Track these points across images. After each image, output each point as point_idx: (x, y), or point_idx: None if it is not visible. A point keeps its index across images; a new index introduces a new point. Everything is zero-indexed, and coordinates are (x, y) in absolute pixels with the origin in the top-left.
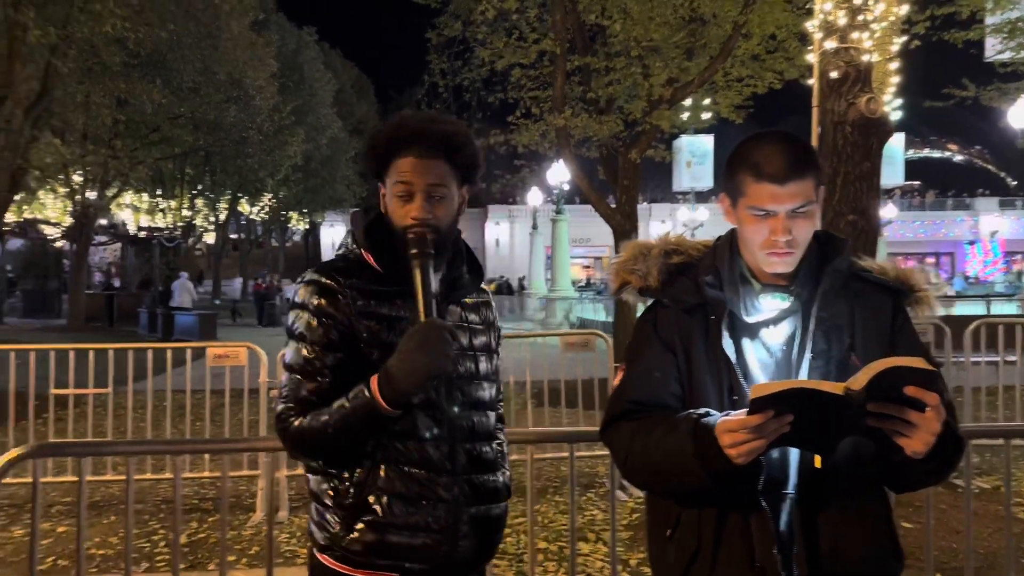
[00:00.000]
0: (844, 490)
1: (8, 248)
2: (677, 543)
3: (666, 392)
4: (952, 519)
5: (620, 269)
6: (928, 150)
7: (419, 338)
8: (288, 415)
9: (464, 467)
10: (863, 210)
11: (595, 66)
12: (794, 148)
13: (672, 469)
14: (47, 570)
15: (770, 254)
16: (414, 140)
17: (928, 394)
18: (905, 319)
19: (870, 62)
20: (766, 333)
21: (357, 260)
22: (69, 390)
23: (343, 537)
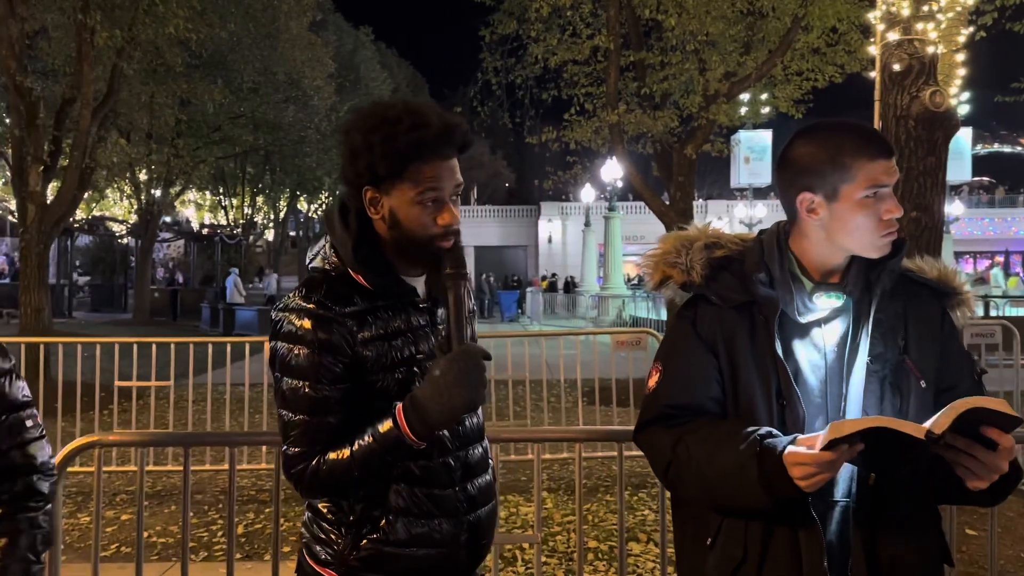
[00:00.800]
0: (902, 501)
1: (77, 244)
2: (720, 552)
3: (705, 396)
4: (1020, 527)
5: (660, 262)
6: (998, 145)
7: (456, 371)
8: (300, 460)
9: (462, 476)
10: (927, 206)
11: (650, 61)
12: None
13: (730, 488)
14: (110, 556)
15: (887, 234)
16: (441, 142)
17: (1004, 437)
18: (951, 325)
19: (935, 54)
20: (818, 333)
21: (341, 277)
22: (132, 382)
23: (348, 554)
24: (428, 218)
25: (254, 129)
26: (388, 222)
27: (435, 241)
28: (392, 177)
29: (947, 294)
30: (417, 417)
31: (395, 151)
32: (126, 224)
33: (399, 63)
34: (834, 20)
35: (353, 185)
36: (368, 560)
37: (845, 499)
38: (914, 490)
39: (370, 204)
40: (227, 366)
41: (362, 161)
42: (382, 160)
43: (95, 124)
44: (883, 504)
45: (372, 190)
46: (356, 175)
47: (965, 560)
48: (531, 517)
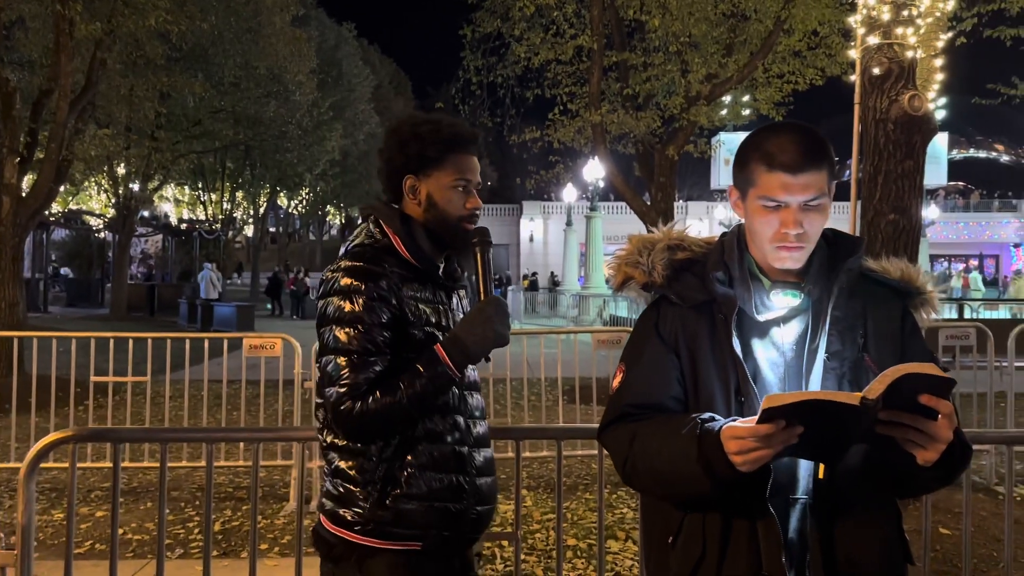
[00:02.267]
0: (858, 495)
1: (53, 238)
2: (680, 550)
3: (666, 395)
4: (992, 526)
5: (623, 263)
6: (973, 150)
7: (490, 311)
8: (348, 398)
9: (475, 441)
10: (904, 209)
11: (632, 62)
12: (809, 138)
13: (676, 474)
14: (85, 553)
15: (780, 248)
16: (471, 141)
17: (942, 402)
18: (913, 322)
19: (914, 58)
20: (776, 332)
21: (386, 248)
22: (108, 378)
23: (375, 510)
24: (460, 201)
25: (235, 124)
26: (424, 205)
27: (463, 222)
28: (435, 163)
29: (909, 293)
30: (456, 349)
31: (440, 139)
32: (103, 218)
33: (382, 60)
34: (815, 23)
35: (397, 174)
36: (394, 514)
37: (805, 496)
38: (871, 484)
39: (409, 191)
40: (204, 362)
41: (413, 147)
42: (431, 145)
43: (72, 116)
44: (839, 499)
45: (412, 178)
46: (405, 160)
47: (939, 559)
48: (511, 515)
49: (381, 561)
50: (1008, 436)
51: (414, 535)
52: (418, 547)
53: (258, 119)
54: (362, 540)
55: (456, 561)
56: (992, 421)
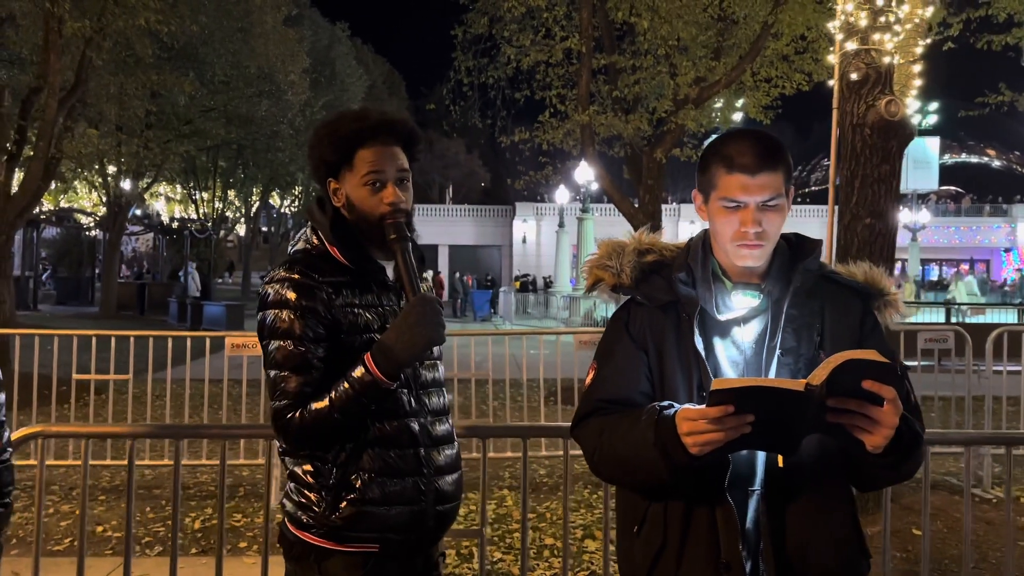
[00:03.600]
0: (810, 487)
1: (44, 236)
2: (644, 539)
3: (635, 391)
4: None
5: (593, 266)
6: (965, 155)
7: (417, 312)
8: (286, 412)
9: (433, 440)
10: (880, 213)
11: (621, 65)
12: (765, 141)
13: (636, 461)
14: (64, 550)
15: (740, 246)
16: (378, 130)
17: (884, 388)
18: (875, 323)
19: (891, 64)
20: (737, 331)
21: (321, 254)
22: (91, 376)
23: (328, 515)
24: (375, 198)
25: (226, 123)
26: (347, 207)
27: (385, 219)
28: (343, 163)
29: (872, 295)
30: (384, 357)
31: (339, 138)
32: (94, 216)
33: (375, 60)
34: (803, 28)
35: (319, 180)
36: (348, 519)
37: (762, 488)
38: (824, 474)
39: (333, 194)
40: (187, 361)
41: (316, 153)
42: (329, 147)
43: (62, 114)
44: (792, 490)
45: (333, 181)
46: (315, 168)
47: (911, 559)
48: (490, 514)
49: (338, 561)
50: (971, 437)
51: (371, 538)
52: (375, 549)
53: (250, 118)
54: (320, 542)
55: (419, 560)
56: (969, 424)
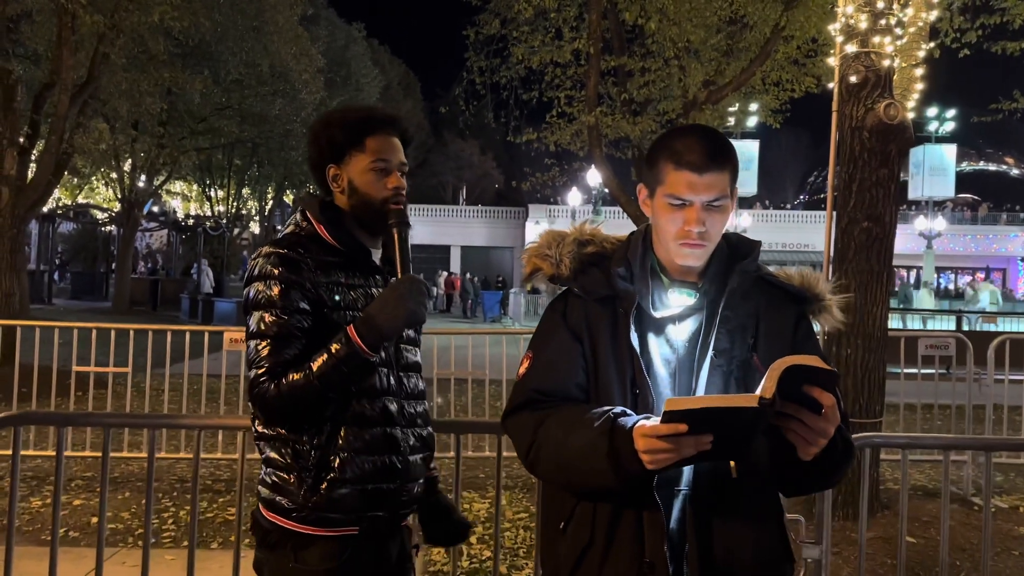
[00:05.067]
0: (738, 490)
1: (60, 231)
2: (570, 537)
3: (571, 382)
4: (959, 536)
5: (533, 255)
6: (983, 163)
7: (403, 288)
8: (263, 379)
9: (408, 419)
10: (878, 217)
11: (630, 67)
12: (714, 140)
13: (581, 465)
14: (61, 539)
15: (683, 244)
16: (387, 123)
17: (825, 395)
18: (808, 328)
19: (891, 67)
20: (671, 329)
21: (310, 235)
22: (90, 368)
23: (309, 496)
24: (379, 183)
25: (240, 121)
26: (347, 192)
27: (386, 203)
28: (350, 147)
29: (807, 300)
30: (367, 328)
31: (350, 123)
32: (110, 212)
33: (391, 61)
34: (814, 31)
35: (318, 167)
36: (329, 500)
37: (687, 488)
38: (753, 478)
39: (332, 180)
40: (185, 355)
41: (323, 137)
42: (340, 131)
43: (74, 110)
44: (719, 491)
45: (334, 167)
46: (319, 152)
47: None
48: (484, 513)
49: (315, 551)
50: (949, 441)
51: (349, 520)
52: (355, 531)
53: (264, 117)
54: (298, 528)
55: (392, 549)
56: (969, 433)
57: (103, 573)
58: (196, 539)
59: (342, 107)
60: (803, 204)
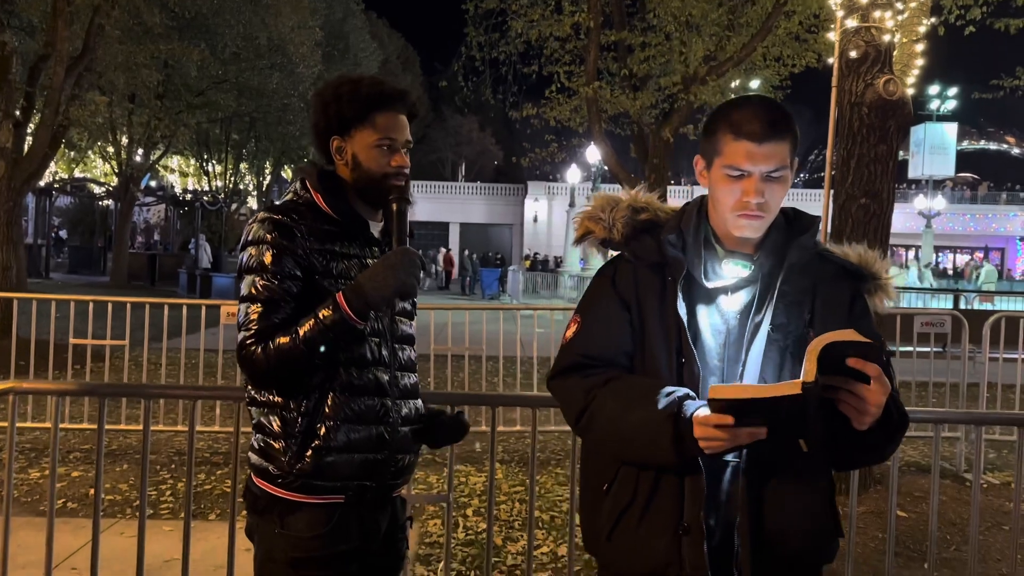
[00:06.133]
0: (790, 465)
1: (57, 205)
2: (612, 498)
3: (617, 349)
4: (949, 511)
5: (585, 218)
6: (984, 142)
7: (394, 259)
8: (250, 341)
9: (400, 392)
10: (876, 193)
11: (630, 41)
12: (774, 110)
13: (642, 442)
14: (59, 510)
15: (741, 216)
16: (396, 99)
17: (869, 365)
18: (864, 306)
19: (891, 42)
20: (723, 300)
21: (307, 203)
22: (87, 340)
23: (294, 464)
24: (384, 159)
25: (238, 95)
26: (351, 165)
27: (389, 179)
28: (356, 122)
29: (864, 277)
30: (355, 295)
31: (359, 98)
32: (107, 186)
33: (390, 34)
34: (816, 6)
35: (322, 136)
36: (315, 467)
37: (736, 459)
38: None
39: (336, 152)
40: (183, 329)
41: (332, 108)
42: (349, 105)
43: (69, 82)
44: (772, 465)
45: (338, 139)
46: (327, 122)
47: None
48: (479, 486)
49: (301, 517)
50: (940, 416)
51: (335, 487)
52: (340, 499)
53: (261, 91)
54: (285, 494)
55: (382, 519)
56: (963, 409)
57: (100, 543)
58: (193, 510)
59: (352, 77)
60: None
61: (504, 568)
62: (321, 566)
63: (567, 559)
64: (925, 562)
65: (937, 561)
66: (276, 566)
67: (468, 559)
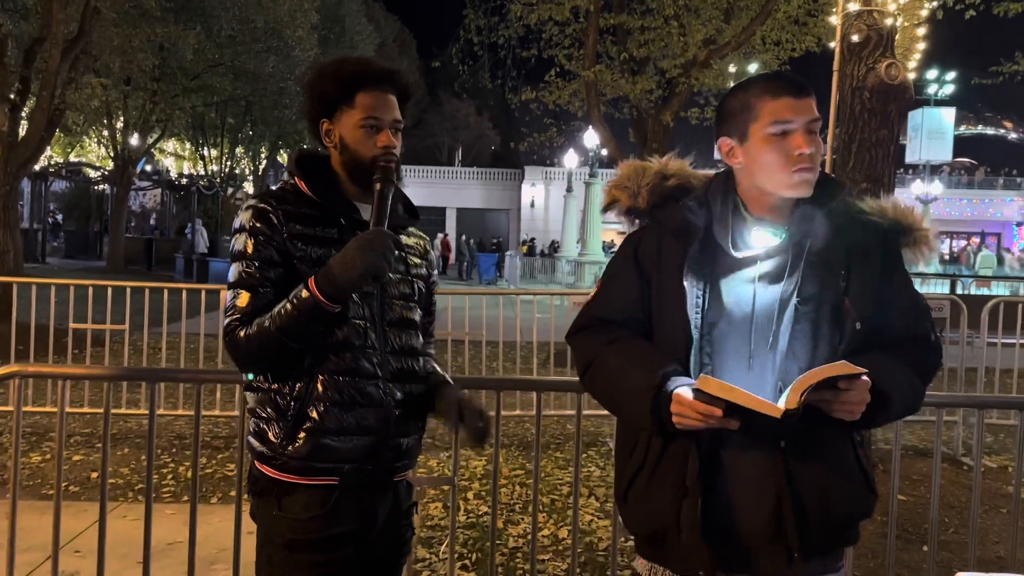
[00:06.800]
0: (822, 433)
1: (53, 189)
2: (631, 461)
3: (630, 316)
4: (948, 494)
5: (612, 186)
6: (982, 126)
7: (363, 240)
8: (234, 326)
9: (393, 375)
10: (877, 178)
11: (630, 25)
12: (794, 75)
13: (628, 407)
14: (54, 494)
15: (796, 171)
16: (382, 79)
17: (855, 384)
18: (897, 261)
19: (893, 26)
20: (749, 271)
21: (292, 189)
22: (87, 325)
23: (284, 447)
24: (369, 140)
25: (234, 78)
26: (339, 147)
27: (376, 161)
28: (341, 103)
29: (902, 231)
30: (325, 279)
31: (341, 78)
32: (103, 171)
33: (387, 18)
34: None
35: (312, 119)
36: (305, 450)
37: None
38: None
39: (325, 135)
40: (182, 314)
41: (316, 90)
42: (332, 85)
43: (65, 65)
44: (807, 437)
45: (327, 122)
46: (312, 105)
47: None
48: (480, 470)
49: (298, 499)
50: (941, 399)
51: (327, 469)
52: (335, 481)
53: (257, 74)
54: (280, 476)
55: (381, 503)
56: (961, 393)
57: (109, 524)
58: (200, 493)
59: (337, 59)
60: None
61: (505, 551)
62: (317, 548)
63: (570, 542)
64: (924, 544)
65: (936, 543)
66: (274, 548)
67: (470, 541)
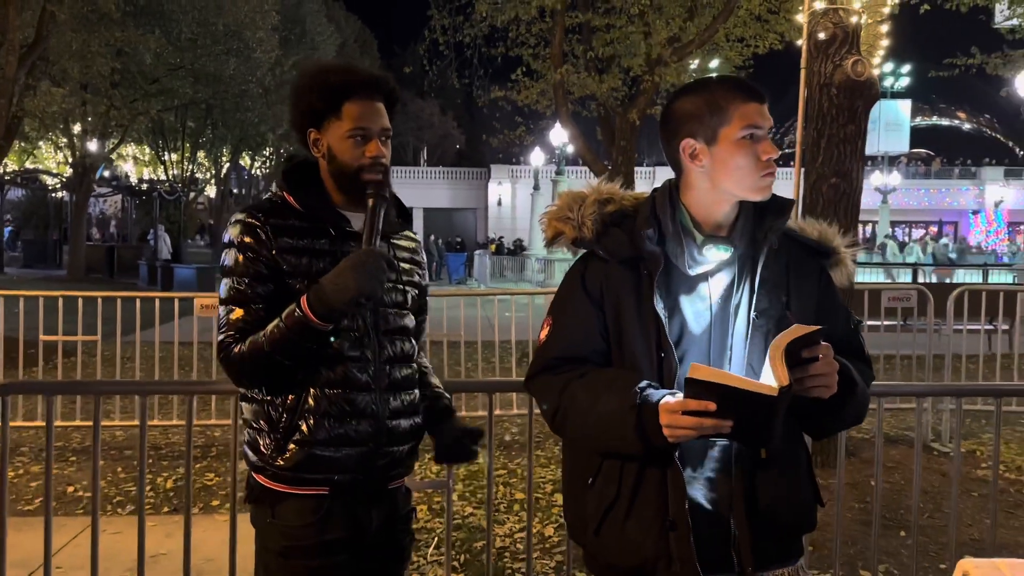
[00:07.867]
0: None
1: (9, 198)
2: (597, 492)
3: (590, 349)
4: (926, 480)
5: (553, 218)
6: (936, 118)
7: (355, 260)
8: (228, 343)
9: (387, 386)
10: (845, 173)
11: (595, 24)
12: None
13: (609, 433)
14: (34, 510)
15: (765, 175)
16: (369, 86)
17: (818, 348)
18: (828, 280)
19: (858, 24)
20: (703, 286)
21: (280, 201)
22: (58, 337)
23: (276, 457)
24: (358, 151)
25: (194, 81)
26: (327, 158)
27: (364, 172)
28: (328, 114)
29: (825, 253)
30: (316, 297)
31: (329, 88)
32: (60, 178)
33: (347, 18)
34: None
35: (300, 130)
36: (295, 461)
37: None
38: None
39: (313, 145)
40: (156, 323)
41: (304, 100)
42: (319, 96)
43: (22, 72)
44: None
45: (315, 132)
46: (300, 115)
47: (868, 509)
48: (463, 471)
49: (290, 507)
50: (922, 389)
51: (317, 480)
52: (325, 491)
53: (218, 77)
54: (272, 485)
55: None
56: (929, 380)
57: (87, 539)
58: (178, 504)
59: (322, 67)
60: None
61: (493, 550)
62: (310, 555)
63: (555, 539)
64: (900, 530)
65: (916, 528)
66: (270, 555)
67: (457, 543)
